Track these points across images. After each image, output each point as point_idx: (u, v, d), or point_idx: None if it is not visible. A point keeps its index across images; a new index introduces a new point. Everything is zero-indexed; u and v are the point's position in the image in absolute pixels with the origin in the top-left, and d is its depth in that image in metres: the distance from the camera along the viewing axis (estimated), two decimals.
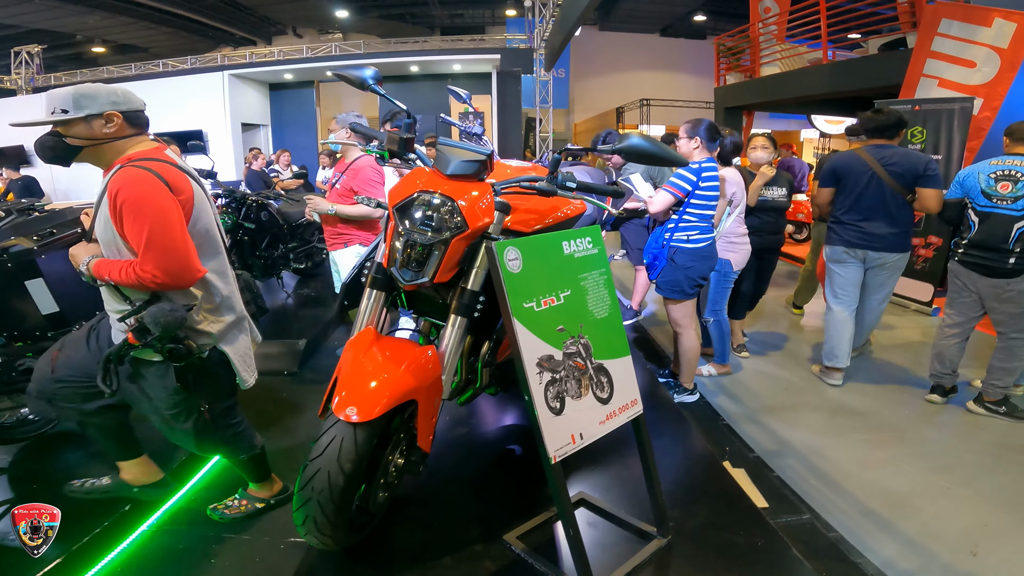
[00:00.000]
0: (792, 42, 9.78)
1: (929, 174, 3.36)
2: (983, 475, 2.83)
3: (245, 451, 2.07)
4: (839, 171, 3.57)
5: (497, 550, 1.88)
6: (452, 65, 14.31)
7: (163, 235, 1.59)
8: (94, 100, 1.63)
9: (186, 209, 1.67)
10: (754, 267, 4.04)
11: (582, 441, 1.61)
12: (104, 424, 2.02)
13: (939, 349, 3.49)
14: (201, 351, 1.77)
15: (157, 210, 1.59)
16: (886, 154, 3.45)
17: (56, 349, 1.95)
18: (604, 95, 18.35)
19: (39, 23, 15.00)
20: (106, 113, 1.65)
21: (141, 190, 1.58)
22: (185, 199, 1.67)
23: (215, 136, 12.83)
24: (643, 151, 1.67)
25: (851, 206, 3.54)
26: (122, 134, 1.70)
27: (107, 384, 1.72)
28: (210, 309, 1.81)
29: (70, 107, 1.62)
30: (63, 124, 1.64)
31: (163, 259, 1.59)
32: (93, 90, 1.64)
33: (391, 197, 1.76)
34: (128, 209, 1.58)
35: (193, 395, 1.84)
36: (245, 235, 4.63)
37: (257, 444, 2.11)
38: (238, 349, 1.90)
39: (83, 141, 1.67)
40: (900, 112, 3.69)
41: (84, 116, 1.63)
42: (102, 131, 1.67)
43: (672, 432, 2.78)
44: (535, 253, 1.57)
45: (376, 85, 2.00)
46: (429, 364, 1.71)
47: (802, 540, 2.33)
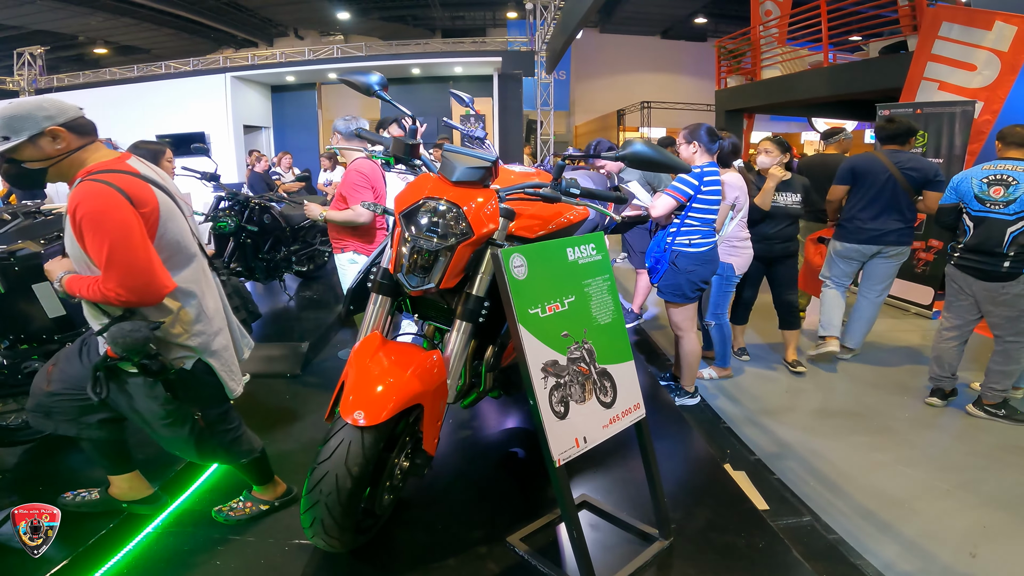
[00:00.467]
0: (793, 45, 9.80)
1: (939, 179, 3.78)
2: (983, 477, 2.85)
3: (245, 455, 2.05)
4: (858, 171, 3.90)
5: (500, 551, 1.90)
6: (453, 67, 14.33)
7: (124, 252, 1.52)
8: (27, 120, 1.54)
9: (150, 221, 1.59)
10: (761, 275, 4.01)
11: (586, 445, 1.63)
12: (101, 438, 1.98)
13: (938, 352, 3.52)
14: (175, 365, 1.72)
15: (117, 225, 1.52)
16: (902, 158, 3.82)
17: (51, 364, 1.92)
18: (605, 97, 18.39)
19: (42, 24, 15.05)
20: (47, 130, 1.56)
21: (99, 205, 1.51)
22: (149, 211, 1.59)
23: (217, 138, 12.85)
24: (645, 158, 1.68)
25: (867, 203, 3.87)
26: (74, 146, 1.62)
27: (96, 392, 1.69)
28: (188, 322, 1.74)
29: (9, 133, 1.54)
30: (13, 151, 1.56)
31: (126, 277, 1.53)
32: (21, 110, 1.55)
33: (397, 203, 1.78)
34: (87, 225, 1.52)
35: (184, 404, 1.82)
36: (248, 238, 4.65)
37: (256, 447, 2.09)
38: (223, 360, 1.85)
39: (41, 163, 1.60)
40: (910, 122, 4.01)
41: (27, 139, 1.55)
42: (53, 149, 1.59)
43: (673, 435, 2.80)
44: (540, 260, 1.59)
45: (382, 91, 2.02)
46: (435, 369, 1.73)
47: (802, 542, 2.35)
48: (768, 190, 3.77)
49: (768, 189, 3.77)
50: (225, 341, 1.88)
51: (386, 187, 3.41)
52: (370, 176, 3.17)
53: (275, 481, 2.22)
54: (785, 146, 3.90)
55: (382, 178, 3.33)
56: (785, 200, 3.86)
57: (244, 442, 2.05)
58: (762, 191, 3.77)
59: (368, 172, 3.17)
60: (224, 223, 4.51)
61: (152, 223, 1.60)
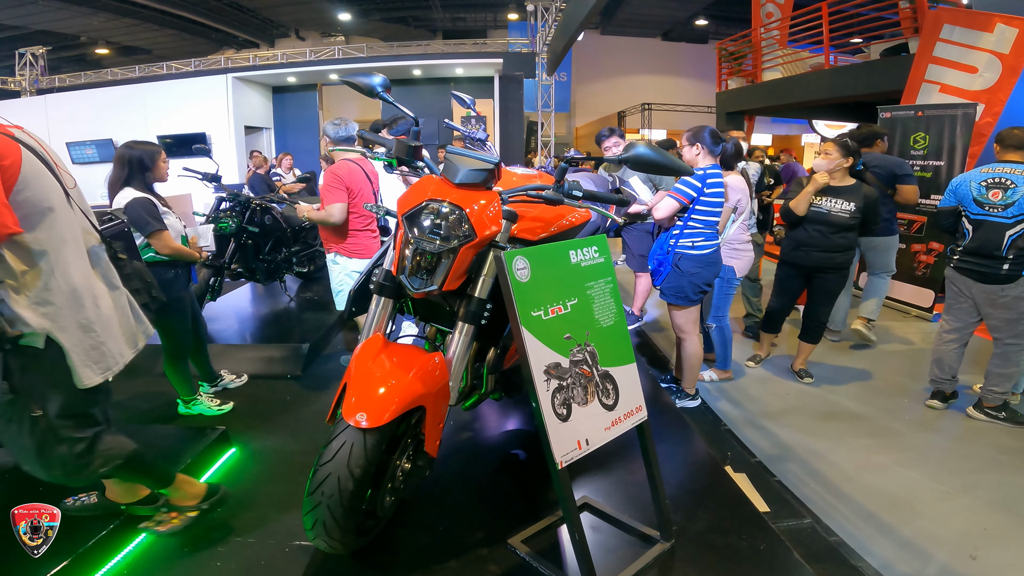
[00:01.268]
0: (794, 47, 9.81)
1: (904, 173, 4.26)
2: (983, 480, 2.85)
3: (106, 467, 1.79)
4: None
5: (502, 553, 1.90)
6: (454, 69, 14.34)
7: None
8: None
9: (7, 174, 1.53)
10: (796, 283, 3.82)
11: (588, 447, 1.63)
12: None
13: (938, 355, 3.53)
14: (10, 334, 1.55)
15: None
16: (868, 158, 4.20)
17: None
18: (606, 99, 18.43)
19: (43, 24, 15.08)
20: None
21: None
22: (8, 164, 1.53)
23: (218, 139, 12.85)
24: (648, 160, 1.69)
25: None
26: None
27: None
28: (34, 287, 1.59)
29: None
30: None
31: None
32: None
33: (400, 205, 1.79)
34: None
35: (21, 395, 1.60)
36: (249, 239, 4.65)
37: (121, 454, 1.84)
38: (81, 342, 1.67)
39: None
40: (874, 127, 4.67)
41: None
42: None
43: (674, 437, 2.80)
44: (543, 262, 1.60)
45: (385, 93, 2.02)
46: (437, 371, 1.73)
47: (803, 544, 2.35)
48: (806, 194, 3.56)
49: (806, 193, 3.56)
50: (88, 321, 1.69)
51: (374, 187, 3.44)
52: (345, 178, 3.24)
53: (187, 480, 2.12)
54: (850, 149, 3.56)
55: (367, 179, 3.37)
56: (832, 206, 3.56)
57: (99, 457, 1.77)
58: (800, 195, 3.59)
59: (344, 174, 3.23)
60: (225, 224, 4.51)
61: (10, 176, 1.54)
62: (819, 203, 3.56)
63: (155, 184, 2.90)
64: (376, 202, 3.37)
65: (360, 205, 3.30)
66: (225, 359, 3.77)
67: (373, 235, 3.47)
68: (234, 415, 3.16)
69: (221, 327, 4.59)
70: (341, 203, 3.23)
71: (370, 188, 3.39)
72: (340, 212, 3.23)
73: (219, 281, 4.57)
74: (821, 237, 3.60)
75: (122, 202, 2.75)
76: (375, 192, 3.44)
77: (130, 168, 2.80)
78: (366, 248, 3.41)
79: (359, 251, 3.40)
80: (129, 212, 2.74)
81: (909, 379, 4.01)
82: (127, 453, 1.85)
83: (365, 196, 3.33)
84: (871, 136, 4.45)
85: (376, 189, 3.48)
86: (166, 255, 2.85)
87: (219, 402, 3.20)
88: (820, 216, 3.59)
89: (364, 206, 2.37)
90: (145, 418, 3.19)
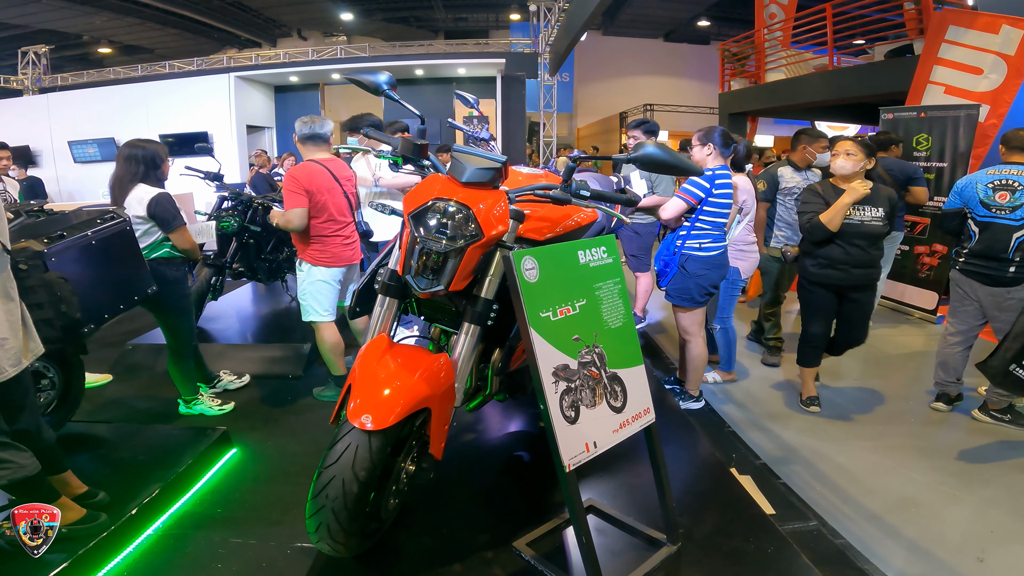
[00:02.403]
0: (797, 48, 9.79)
1: (918, 176, 4.58)
2: (989, 482, 2.84)
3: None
4: None
5: (506, 557, 1.88)
6: (457, 69, 14.33)
7: None
8: None
9: None
10: (832, 306, 3.32)
11: (596, 450, 1.61)
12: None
13: (943, 357, 3.51)
14: None
15: None
16: (886, 163, 4.41)
17: None
18: (608, 100, 18.39)
19: (46, 23, 15.05)
20: None
21: None
22: None
23: (220, 138, 12.85)
24: (658, 160, 1.67)
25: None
26: None
27: None
28: None
29: None
30: None
31: None
32: None
33: (406, 204, 1.76)
34: None
35: None
36: (250, 238, 4.63)
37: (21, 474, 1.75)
38: None
39: None
40: (891, 134, 4.90)
41: None
42: None
43: (679, 439, 2.78)
44: (552, 262, 1.58)
45: (390, 90, 2.00)
46: (442, 372, 1.72)
47: (809, 547, 2.34)
48: (841, 207, 3.07)
49: (842, 206, 3.07)
50: None
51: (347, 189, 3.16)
52: (303, 180, 2.96)
53: (65, 505, 1.92)
54: (872, 149, 3.20)
55: (334, 182, 3.08)
56: (863, 216, 3.13)
57: None
58: (834, 207, 3.08)
59: (302, 177, 2.96)
60: (227, 223, 4.49)
61: None
62: (851, 214, 3.13)
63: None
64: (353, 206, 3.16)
65: (327, 209, 3.04)
66: (226, 359, 3.75)
67: (346, 242, 3.17)
68: (235, 415, 3.15)
69: (222, 327, 4.58)
70: (299, 208, 2.95)
71: (339, 191, 3.09)
72: (298, 217, 2.96)
73: (220, 280, 4.56)
74: (860, 252, 3.16)
75: (145, 198, 2.75)
76: (349, 195, 3.16)
77: (144, 165, 2.81)
78: (335, 257, 3.13)
79: (326, 259, 3.11)
80: (157, 207, 2.76)
81: (913, 382, 4.00)
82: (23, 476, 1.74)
83: (333, 200, 3.05)
84: (888, 141, 4.69)
85: (351, 192, 3.20)
86: (185, 250, 2.86)
87: (220, 402, 3.19)
88: (855, 228, 3.13)
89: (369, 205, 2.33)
90: (145, 418, 3.18)
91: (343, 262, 3.17)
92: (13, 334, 1.75)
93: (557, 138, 13.92)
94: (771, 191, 4.15)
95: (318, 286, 3.12)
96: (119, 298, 2.59)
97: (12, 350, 1.73)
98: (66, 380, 2.65)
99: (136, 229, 2.71)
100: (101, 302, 2.49)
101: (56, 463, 2.01)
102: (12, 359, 1.73)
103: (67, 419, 2.66)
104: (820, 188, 3.25)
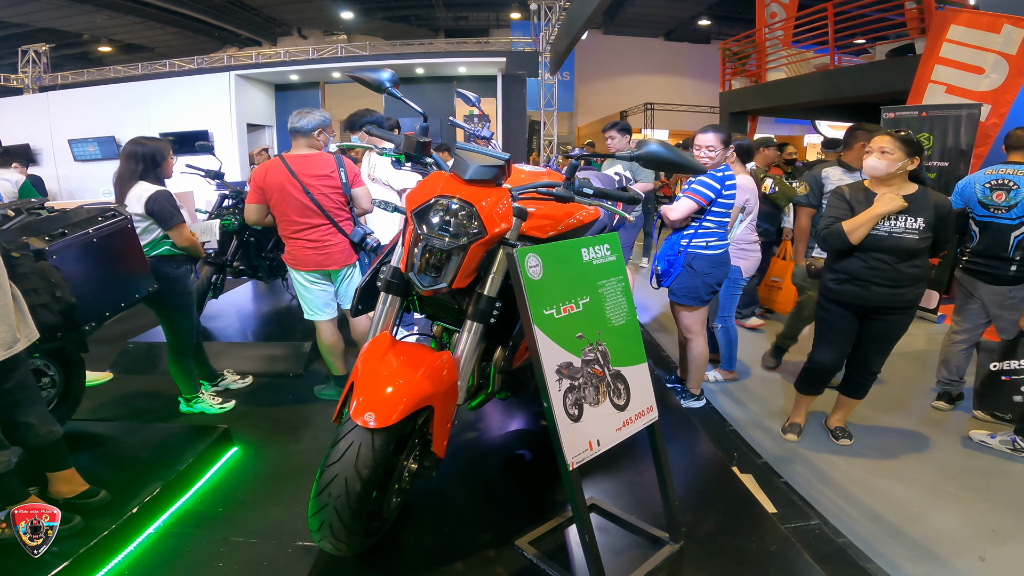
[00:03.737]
0: (798, 47, 9.78)
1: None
2: (990, 481, 2.84)
3: None
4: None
5: (509, 555, 1.88)
6: (457, 68, 14.31)
7: None
8: None
9: None
10: (851, 326, 2.85)
11: (599, 448, 1.61)
12: None
13: (946, 356, 3.52)
14: None
15: None
16: None
17: None
18: (608, 99, 18.40)
19: (46, 22, 15.05)
20: None
21: None
22: None
23: (220, 137, 12.83)
24: (661, 158, 1.66)
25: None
26: None
27: None
28: None
29: None
30: None
31: None
32: None
33: (409, 201, 1.76)
34: None
35: None
36: (251, 236, 4.62)
37: None
38: None
39: None
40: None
41: None
42: None
43: (680, 437, 2.77)
44: (555, 260, 1.57)
45: (393, 88, 1.99)
46: (445, 370, 1.71)
47: (811, 546, 2.34)
48: (869, 218, 2.59)
49: (870, 217, 2.59)
50: None
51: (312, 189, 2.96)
52: (256, 178, 2.93)
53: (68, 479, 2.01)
54: (916, 147, 2.62)
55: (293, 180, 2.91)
56: (893, 227, 2.61)
57: None
58: (860, 216, 2.62)
59: (256, 173, 2.91)
60: (227, 221, 4.48)
61: None
62: (878, 222, 2.63)
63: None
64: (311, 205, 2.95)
65: (279, 208, 2.96)
66: (227, 357, 3.75)
67: (309, 245, 3.00)
68: (236, 414, 3.14)
69: (223, 325, 4.57)
70: (253, 204, 2.97)
71: (299, 190, 2.90)
72: (252, 213, 3.00)
73: (221, 278, 4.55)
74: (885, 267, 2.65)
75: (143, 196, 2.75)
76: (318, 196, 2.94)
77: (143, 163, 2.81)
78: (295, 259, 3.05)
79: (290, 261, 3.07)
80: (155, 205, 2.75)
81: (914, 380, 4.00)
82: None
83: (287, 200, 2.92)
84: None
85: (328, 192, 2.97)
86: (184, 247, 2.86)
87: (220, 401, 3.18)
88: (880, 240, 2.62)
89: (373, 202, 2.32)
90: (146, 417, 3.17)
91: (306, 266, 3.04)
92: (3, 318, 1.73)
93: (558, 137, 13.91)
94: (816, 195, 3.62)
95: (298, 286, 3.16)
96: (120, 296, 2.60)
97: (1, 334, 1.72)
98: (66, 378, 2.65)
99: (136, 227, 2.71)
100: (102, 300, 2.49)
101: (60, 459, 2.02)
102: (3, 343, 1.72)
103: (67, 417, 2.65)
104: (848, 191, 2.77)
